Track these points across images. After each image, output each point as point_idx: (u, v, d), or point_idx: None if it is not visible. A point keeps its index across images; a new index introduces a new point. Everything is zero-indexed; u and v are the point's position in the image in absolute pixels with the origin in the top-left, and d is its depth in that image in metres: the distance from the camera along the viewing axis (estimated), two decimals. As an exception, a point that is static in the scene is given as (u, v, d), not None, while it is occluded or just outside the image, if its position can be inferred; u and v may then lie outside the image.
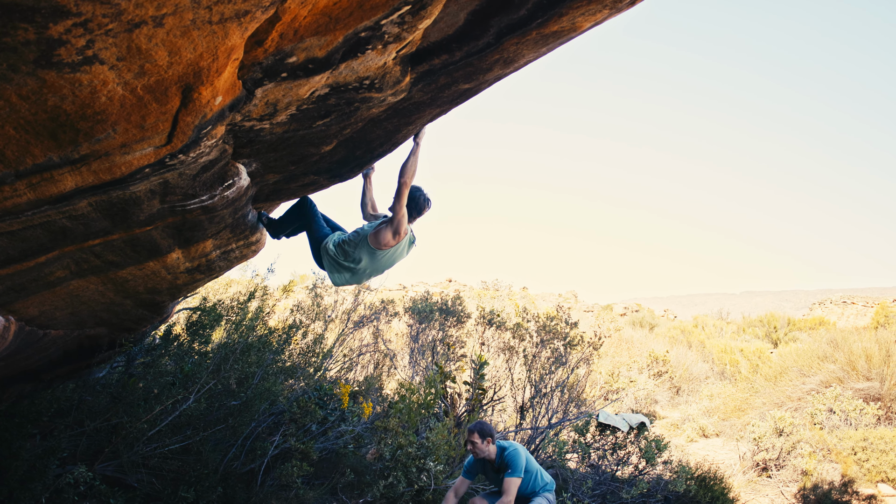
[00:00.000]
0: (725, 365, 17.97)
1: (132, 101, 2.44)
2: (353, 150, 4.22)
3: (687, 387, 17.33)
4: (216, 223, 4.38)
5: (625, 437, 8.03)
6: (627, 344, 20.07)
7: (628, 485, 7.69)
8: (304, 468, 5.88)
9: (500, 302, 15.10)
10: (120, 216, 3.59)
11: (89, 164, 2.82)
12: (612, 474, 7.96)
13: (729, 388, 15.81)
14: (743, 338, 22.78)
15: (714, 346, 19.56)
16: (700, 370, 18.03)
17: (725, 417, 14.49)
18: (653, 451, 7.73)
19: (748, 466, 10.95)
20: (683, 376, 17.56)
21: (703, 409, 15.19)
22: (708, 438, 13.83)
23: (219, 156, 3.37)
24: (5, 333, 4.78)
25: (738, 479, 10.36)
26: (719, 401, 15.38)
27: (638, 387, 15.51)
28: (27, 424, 5.09)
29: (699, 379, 17.67)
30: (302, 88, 2.95)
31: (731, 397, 15.17)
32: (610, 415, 8.08)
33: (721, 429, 14.08)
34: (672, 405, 16.53)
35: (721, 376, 17.70)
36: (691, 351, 19.42)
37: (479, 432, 5.96)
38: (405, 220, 4.60)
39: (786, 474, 10.58)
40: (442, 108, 3.98)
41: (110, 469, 5.58)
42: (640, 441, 8.03)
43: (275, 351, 7.02)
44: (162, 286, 5.42)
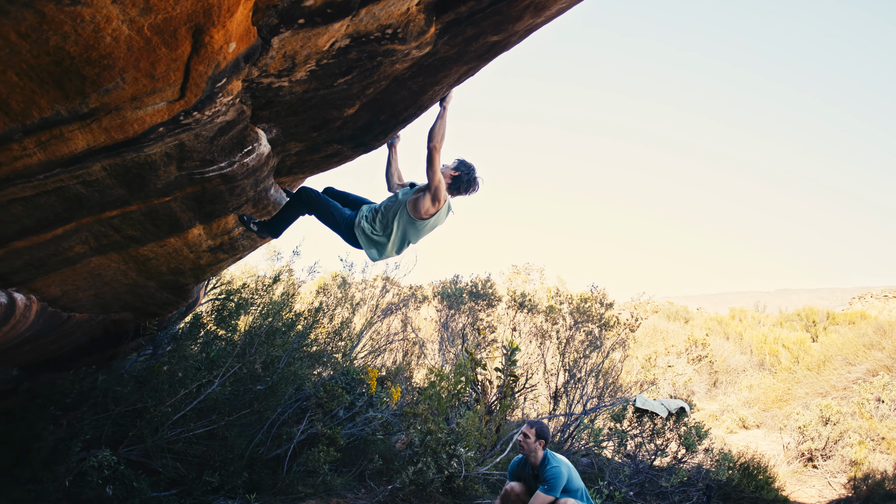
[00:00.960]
0: (765, 356, 17.46)
1: (140, 44, 2.29)
2: (377, 115, 4.04)
3: (725, 378, 16.88)
4: (237, 195, 4.24)
5: (663, 423, 7.75)
6: (663, 334, 19.61)
7: (667, 473, 7.40)
8: (330, 454, 5.73)
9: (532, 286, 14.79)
10: (136, 183, 3.46)
11: (100, 120, 2.68)
12: (650, 462, 7.69)
13: (769, 379, 15.34)
14: (782, 331, 22.19)
15: (753, 336, 19.01)
16: (738, 361, 17.55)
17: (766, 408, 14.06)
18: (693, 438, 7.44)
19: (793, 457, 10.56)
20: (721, 367, 17.12)
21: (743, 400, 14.78)
22: (748, 430, 13.45)
23: (236, 117, 3.22)
24: (27, 312, 4.70)
25: (782, 470, 9.98)
26: (759, 391, 14.95)
27: (676, 372, 15.11)
28: (49, 406, 5.01)
29: (737, 370, 17.20)
30: (321, 38, 2.77)
31: (772, 387, 14.71)
32: (647, 400, 7.80)
33: (762, 420, 13.68)
34: (710, 397, 16.11)
35: (760, 367, 17.22)
36: (729, 342, 18.95)
37: (537, 430, 5.73)
38: (443, 185, 4.33)
39: (833, 464, 10.17)
40: (470, 66, 3.78)
41: (135, 454, 5.49)
42: (679, 427, 7.73)
43: (301, 335, 6.89)
44: (185, 266, 5.31)
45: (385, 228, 4.51)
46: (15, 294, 4.52)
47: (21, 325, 4.77)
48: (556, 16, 3.53)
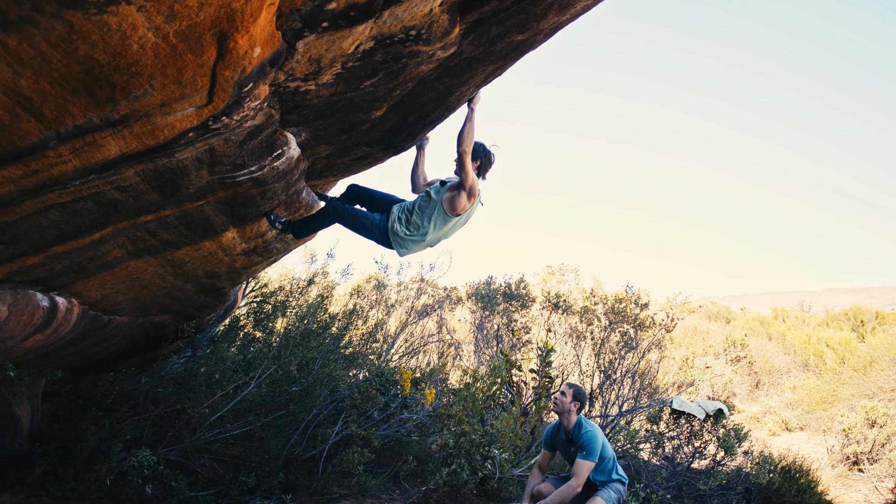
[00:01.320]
0: (809, 356, 16.96)
1: (166, 51, 2.33)
2: (406, 117, 4.05)
3: (767, 379, 16.47)
4: (269, 198, 4.30)
5: (701, 425, 7.60)
6: (703, 335, 19.25)
7: (706, 476, 7.25)
8: (365, 455, 5.77)
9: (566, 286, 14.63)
10: (169, 188, 3.53)
11: (131, 127, 2.74)
12: (687, 465, 7.55)
13: (813, 380, 14.91)
14: (827, 331, 21.56)
15: (796, 337, 18.50)
16: (781, 362, 17.10)
17: (810, 410, 13.65)
18: (732, 441, 7.28)
19: (837, 460, 10.25)
20: (764, 368, 16.71)
21: (786, 402, 14.36)
22: (791, 432, 13.10)
23: (265, 121, 3.26)
24: (68, 315, 4.82)
25: (826, 473, 9.69)
26: (803, 393, 14.50)
27: (714, 373, 14.78)
28: (91, 407, 5.14)
29: (780, 371, 16.77)
30: (346, 41, 2.79)
31: (816, 389, 14.26)
32: (684, 401, 7.66)
33: (805, 422, 13.30)
34: (751, 398, 15.75)
35: (804, 368, 16.74)
36: (771, 343, 18.49)
37: (575, 392, 5.72)
38: (476, 182, 4.49)
39: (880, 468, 9.83)
40: (496, 65, 3.76)
41: (174, 454, 5.60)
42: (717, 430, 7.58)
43: (335, 337, 6.96)
44: (220, 269, 5.40)
45: (419, 228, 4.59)
46: (56, 298, 4.65)
47: (63, 328, 4.90)
48: (581, 13, 3.50)
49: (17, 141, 2.56)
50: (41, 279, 4.26)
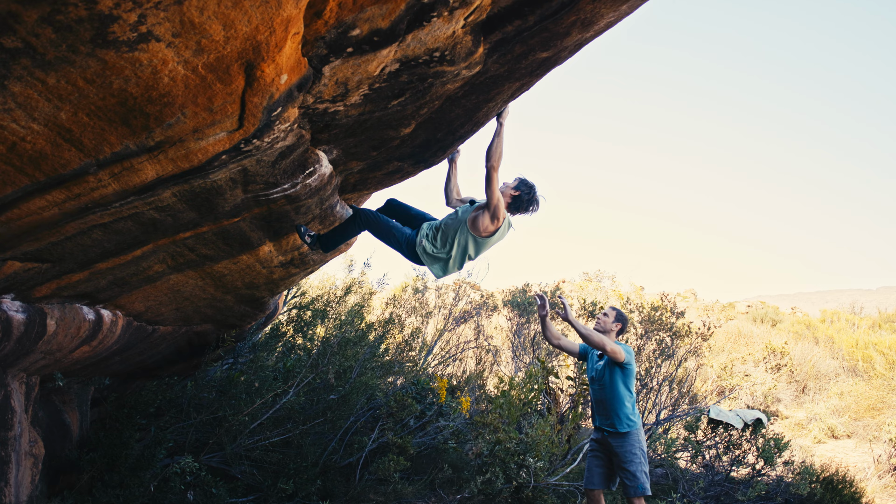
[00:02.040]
0: (858, 361, 16.45)
1: (196, 82, 2.42)
2: (434, 133, 4.10)
3: (814, 385, 16.01)
4: (303, 213, 4.39)
5: (739, 434, 7.47)
6: (746, 339, 18.85)
7: (744, 486, 7.12)
8: (400, 463, 5.84)
9: (603, 293, 14.50)
10: (205, 207, 3.64)
11: (165, 152, 2.84)
12: (726, 474, 7.42)
13: (862, 386, 14.40)
14: (880, 333, 20.83)
15: (844, 340, 17.95)
16: (829, 367, 16.59)
17: (858, 417, 13.22)
18: (771, 451, 7.13)
19: (884, 470, 9.90)
20: (810, 373, 16.24)
21: (832, 408, 13.90)
22: (838, 440, 12.72)
23: (296, 141, 3.34)
24: (113, 327, 4.99)
25: (872, 484, 9.38)
26: (850, 399, 14.00)
27: (753, 381, 14.43)
28: (135, 415, 5.30)
29: (828, 376, 16.27)
30: (371, 64, 2.85)
31: (865, 395, 13.78)
32: (722, 410, 7.53)
33: (853, 429, 12.86)
34: (797, 404, 15.32)
35: (853, 373, 16.23)
36: (818, 347, 17.98)
37: (618, 314, 5.84)
38: (501, 204, 4.30)
39: None
40: (522, 82, 3.79)
41: (215, 460, 5.74)
42: (756, 439, 7.44)
43: (372, 345, 7.05)
44: (259, 280, 5.52)
45: (444, 245, 4.49)
46: (102, 311, 4.83)
47: (108, 340, 5.09)
48: (604, 29, 3.50)
49: (59, 168, 2.69)
50: (87, 294, 4.43)
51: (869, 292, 75.78)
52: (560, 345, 5.92)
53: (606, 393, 5.57)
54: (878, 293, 73.23)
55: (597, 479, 5.58)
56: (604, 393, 5.59)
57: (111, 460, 5.07)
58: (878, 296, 63.25)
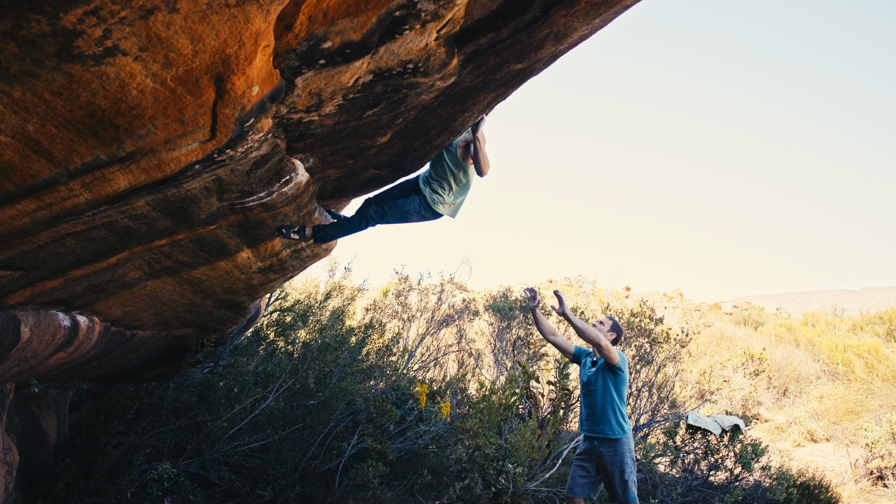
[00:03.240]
0: (837, 364, 16.55)
1: (165, 94, 2.41)
2: (411, 142, 4.10)
3: (795, 387, 16.10)
4: (280, 220, 4.38)
5: (718, 440, 7.50)
6: (728, 342, 18.94)
7: (722, 492, 7.16)
8: (379, 468, 5.82)
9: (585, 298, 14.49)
10: (180, 215, 3.63)
11: (137, 162, 2.83)
12: (704, 479, 7.45)
13: (841, 389, 14.49)
14: (860, 336, 20.94)
15: (824, 344, 18.04)
16: (809, 370, 16.68)
17: (836, 421, 13.29)
18: (749, 456, 7.17)
19: (861, 475, 9.98)
20: (791, 376, 16.33)
21: (812, 412, 14.00)
22: (817, 443, 12.79)
23: (270, 151, 3.33)
24: (90, 333, 4.96)
25: (849, 488, 9.45)
26: (830, 402, 14.12)
27: (732, 387, 14.49)
28: (112, 421, 5.27)
29: (808, 379, 16.37)
30: (344, 76, 2.85)
31: (844, 399, 13.87)
32: (700, 416, 7.57)
33: (832, 433, 12.96)
34: (778, 407, 15.39)
35: (833, 376, 16.33)
36: (799, 349, 18.08)
37: (614, 324, 5.90)
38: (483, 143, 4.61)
39: None
40: (497, 92, 3.79)
41: (193, 466, 5.71)
42: (734, 445, 7.47)
43: (352, 350, 7.03)
44: (238, 286, 5.50)
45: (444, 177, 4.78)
46: (78, 317, 4.80)
47: (85, 345, 5.05)
48: (579, 41, 3.50)
49: (28, 179, 2.67)
50: (62, 300, 4.40)
51: (853, 293, 76.42)
52: (556, 341, 5.92)
53: (598, 399, 5.57)
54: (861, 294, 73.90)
55: (579, 489, 5.56)
56: (595, 398, 5.59)
57: (87, 467, 5.03)
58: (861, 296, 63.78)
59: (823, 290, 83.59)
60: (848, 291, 79.69)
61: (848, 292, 77.49)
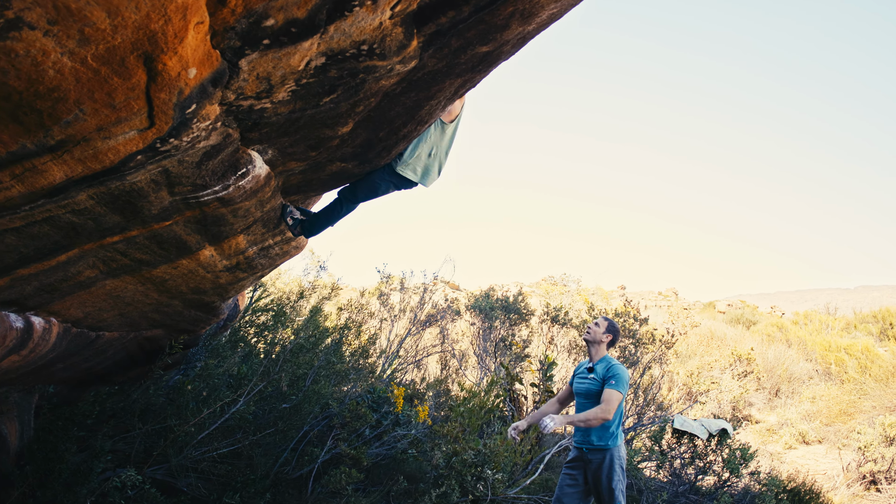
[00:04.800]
0: (830, 364, 16.39)
1: (88, 76, 2.20)
2: (376, 132, 3.90)
3: (787, 388, 15.94)
4: (242, 217, 4.17)
5: (705, 445, 7.30)
6: (720, 342, 18.78)
7: (709, 498, 6.96)
8: (353, 475, 5.61)
9: (569, 298, 14.27)
10: (129, 210, 3.41)
11: (71, 152, 2.62)
12: (690, 485, 7.25)
13: (833, 390, 14.30)
14: (854, 335, 20.84)
15: (817, 343, 17.89)
16: (802, 370, 16.52)
17: (829, 422, 13.09)
18: (737, 461, 6.97)
19: (853, 479, 9.78)
20: (783, 376, 16.17)
21: (804, 413, 13.82)
22: (809, 445, 12.59)
23: (222, 141, 3.12)
24: (46, 335, 4.74)
25: (841, 493, 9.25)
26: (822, 403, 13.92)
27: (720, 388, 14.30)
28: (72, 427, 5.05)
29: (801, 379, 16.20)
30: (293, 58, 2.64)
31: (836, 399, 13.66)
32: (686, 420, 7.37)
33: (824, 434, 12.77)
34: (769, 408, 15.21)
35: (826, 377, 16.17)
36: (791, 349, 17.93)
37: (610, 325, 5.63)
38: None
39: None
40: (464, 78, 3.58)
41: (160, 473, 5.50)
42: (722, 450, 7.27)
43: (327, 352, 6.81)
44: (205, 286, 5.29)
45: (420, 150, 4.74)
46: (33, 318, 4.56)
47: (41, 348, 4.82)
48: (548, 22, 3.31)
49: (-54, 170, 2.46)
50: (12, 301, 4.17)
51: (847, 291, 76.57)
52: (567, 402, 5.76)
53: (592, 407, 5.35)
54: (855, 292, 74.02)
55: (567, 498, 5.34)
56: (590, 407, 5.36)
57: (44, 474, 4.81)
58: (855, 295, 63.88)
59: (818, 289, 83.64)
60: (842, 290, 79.77)
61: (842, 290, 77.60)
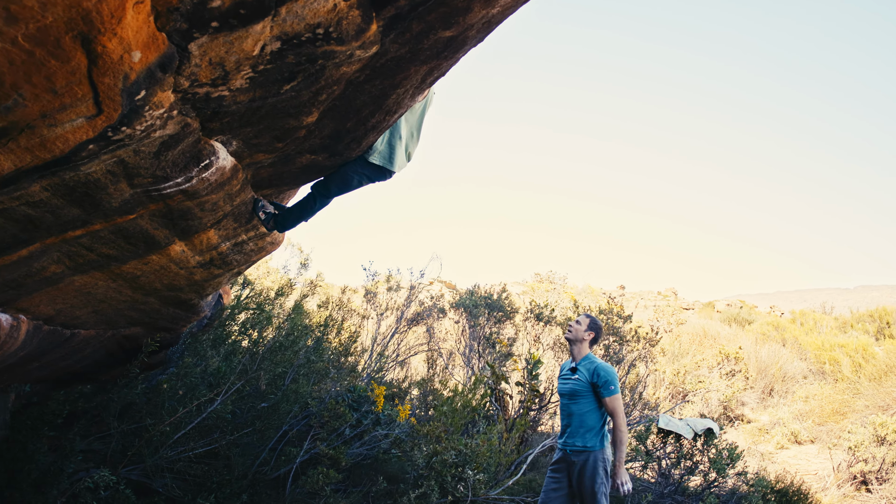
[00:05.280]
0: (824, 363, 16.26)
1: (22, 58, 2.10)
2: (343, 122, 3.79)
3: (781, 387, 15.82)
4: (210, 211, 4.06)
5: (691, 444, 7.18)
6: (713, 340, 18.65)
7: (694, 499, 6.83)
8: (330, 475, 5.50)
9: (555, 295, 14.16)
10: (88, 202, 3.31)
11: (16, 140, 2.52)
12: (676, 486, 7.13)
13: (826, 389, 14.16)
14: (850, 334, 20.73)
15: (811, 342, 17.78)
16: (796, 369, 16.39)
17: (821, 422, 12.94)
18: (724, 462, 6.85)
19: (844, 479, 9.65)
20: (777, 375, 16.04)
21: (796, 413, 13.68)
22: (801, 445, 12.46)
23: (180, 130, 3.02)
24: (14, 332, 4.63)
25: (831, 494, 9.13)
26: (815, 403, 13.78)
27: (708, 387, 14.15)
28: (42, 426, 4.95)
29: (795, 378, 16.08)
30: (245, 42, 2.54)
31: (829, 399, 13.51)
32: (672, 419, 7.25)
33: (817, 434, 12.64)
34: (763, 407, 15.09)
35: (820, 376, 16.04)
36: (786, 348, 17.80)
37: (591, 322, 5.51)
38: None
39: (891, 489, 9.17)
40: (430, 65, 3.48)
41: (135, 473, 5.40)
42: (708, 450, 7.14)
43: (308, 350, 6.71)
44: (179, 282, 5.19)
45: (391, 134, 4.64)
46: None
47: (10, 345, 4.71)
48: (514, 6, 3.20)
49: None
50: (-25, 297, 4.08)
51: (847, 291, 76.42)
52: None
53: (577, 408, 5.24)
54: (855, 292, 73.87)
55: (552, 502, 5.26)
56: (574, 408, 5.26)
57: (12, 474, 4.70)
58: (855, 295, 63.70)
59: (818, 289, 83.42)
60: (842, 290, 79.66)
61: (842, 290, 77.47)
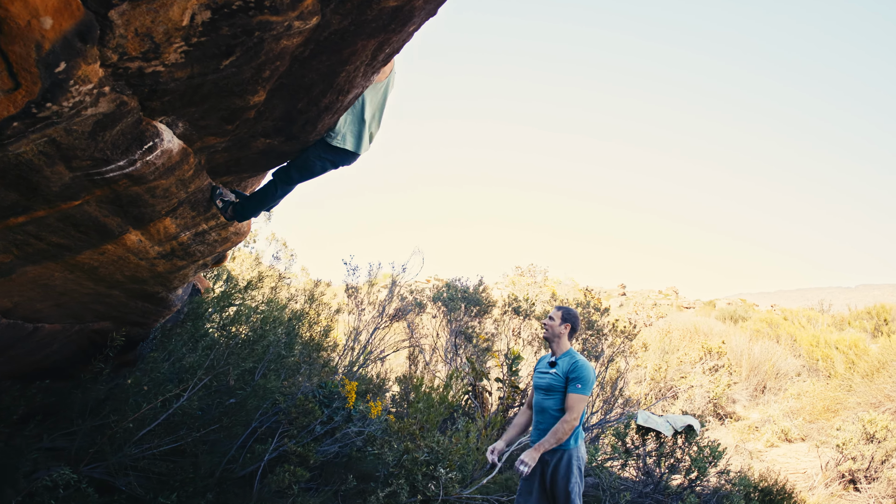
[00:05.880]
0: (818, 360, 16.11)
1: (-86, 20, 1.95)
2: (294, 102, 3.63)
3: (773, 384, 15.66)
4: (162, 197, 3.90)
5: (673, 442, 7.00)
6: (704, 337, 18.50)
7: (675, 498, 6.66)
8: (298, 473, 5.33)
9: (535, 289, 13.98)
10: (25, 186, 3.15)
11: (-71, 117, 2.37)
12: (655, 485, 6.95)
13: (818, 386, 13.99)
14: (847, 331, 20.59)
15: (804, 338, 17.61)
16: (789, 365, 16.23)
17: (813, 419, 12.77)
18: (705, 460, 6.67)
19: (832, 478, 9.48)
20: (769, 372, 15.88)
21: (787, 410, 13.52)
22: (791, 443, 12.28)
23: (115, 109, 2.86)
24: (-35, 325, 4.48)
25: (818, 493, 8.96)
26: (806, 400, 13.64)
27: (690, 383, 13.94)
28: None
29: (788, 375, 15.92)
30: (171, 10, 2.39)
31: (821, 396, 13.33)
32: (651, 416, 7.08)
33: (807, 432, 12.47)
34: (754, 405, 14.94)
35: (814, 372, 15.88)
36: (780, 345, 17.65)
37: (564, 314, 5.27)
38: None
39: (879, 488, 9.03)
40: (378, 39, 3.31)
41: (98, 471, 5.23)
42: (689, 447, 6.97)
43: (276, 345, 6.54)
44: (142, 274, 5.02)
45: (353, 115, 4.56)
46: (-52, 307, 4.32)
47: (-37, 339, 4.57)
48: (463, -23, 3.07)
49: None
50: (-81, 288, 3.93)
51: (848, 290, 76.15)
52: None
53: (552, 403, 5.03)
54: (856, 291, 73.59)
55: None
56: (548, 403, 5.05)
57: (-38, 475, 4.55)
58: (856, 293, 63.45)
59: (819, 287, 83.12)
60: (843, 288, 79.35)
61: (843, 289, 77.20)
